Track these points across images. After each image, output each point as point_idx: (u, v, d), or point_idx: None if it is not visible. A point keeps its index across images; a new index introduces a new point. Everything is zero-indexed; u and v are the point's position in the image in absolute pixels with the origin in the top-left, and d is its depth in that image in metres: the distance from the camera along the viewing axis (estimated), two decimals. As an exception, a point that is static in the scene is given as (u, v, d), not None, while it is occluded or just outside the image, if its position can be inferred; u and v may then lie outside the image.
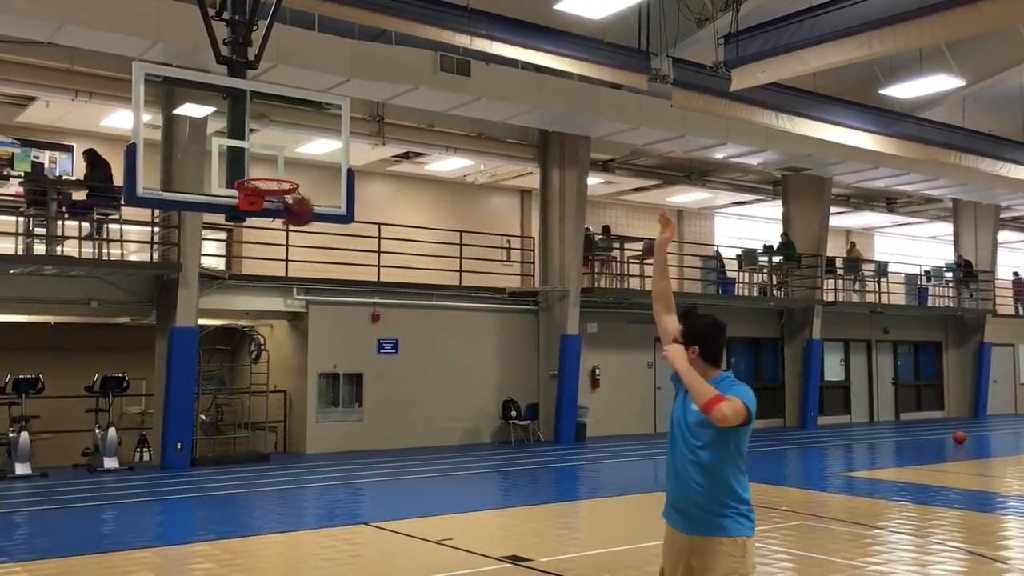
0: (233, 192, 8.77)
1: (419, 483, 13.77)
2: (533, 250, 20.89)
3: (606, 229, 22.37)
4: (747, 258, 23.12)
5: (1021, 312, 30.68)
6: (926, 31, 11.87)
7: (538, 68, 15.64)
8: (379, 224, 18.28)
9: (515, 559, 8.30)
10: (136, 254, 16.63)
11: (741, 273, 23.39)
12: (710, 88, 14.85)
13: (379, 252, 18.40)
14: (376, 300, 18.06)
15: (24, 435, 13.81)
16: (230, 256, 19.06)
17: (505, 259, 21.80)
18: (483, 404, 19.16)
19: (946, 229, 30.16)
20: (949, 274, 27.54)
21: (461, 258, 19.63)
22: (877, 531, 9.79)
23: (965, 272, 27.44)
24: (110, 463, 14.57)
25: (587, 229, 20.22)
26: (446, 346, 18.76)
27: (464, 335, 19.07)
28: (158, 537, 9.94)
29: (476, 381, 19.06)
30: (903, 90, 17.19)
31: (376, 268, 18.35)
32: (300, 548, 9.36)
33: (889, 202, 28.87)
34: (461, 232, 19.88)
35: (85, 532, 10.05)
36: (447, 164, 21.66)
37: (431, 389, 18.44)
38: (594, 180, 21.83)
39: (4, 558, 8.51)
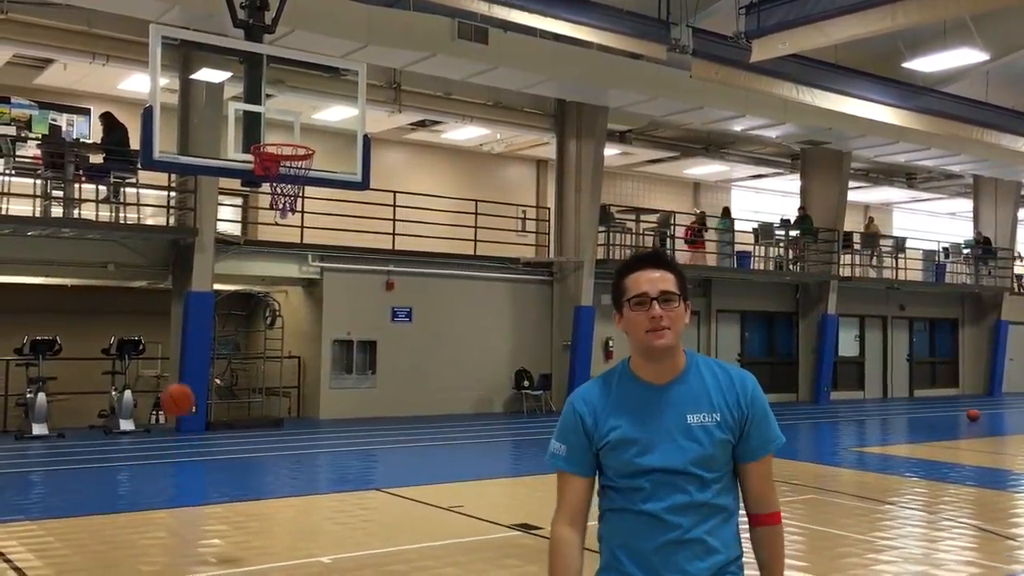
0: (249, 157, 8.78)
1: (431, 451, 13.85)
2: (548, 220, 20.84)
3: (726, 211, 23.10)
4: (764, 232, 22.99)
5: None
6: (951, 3, 11.69)
7: (556, 37, 15.48)
8: (394, 192, 18.26)
9: (524, 527, 8.35)
10: (152, 218, 16.67)
11: (757, 247, 23.27)
12: (730, 59, 14.68)
13: (394, 220, 18.39)
14: (391, 268, 18.09)
15: (41, 396, 13.97)
16: (246, 222, 19.10)
17: (520, 229, 21.76)
18: (496, 374, 19.21)
19: (966, 205, 29.88)
20: (967, 251, 27.32)
21: (476, 227, 19.61)
22: (888, 506, 9.79)
23: (984, 249, 27.23)
24: (126, 425, 14.72)
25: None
26: (460, 315, 18.79)
27: (478, 305, 19.09)
28: (172, 499, 10.06)
29: (489, 351, 19.10)
30: (926, 63, 16.95)
31: (391, 236, 18.36)
32: (312, 512, 9.45)
33: (909, 177, 28.60)
34: (476, 201, 19.84)
35: (101, 492, 10.18)
36: (463, 133, 21.58)
37: (444, 358, 18.50)
38: (611, 151, 21.71)
39: (21, 516, 8.63)
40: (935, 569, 7.18)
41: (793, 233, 23.33)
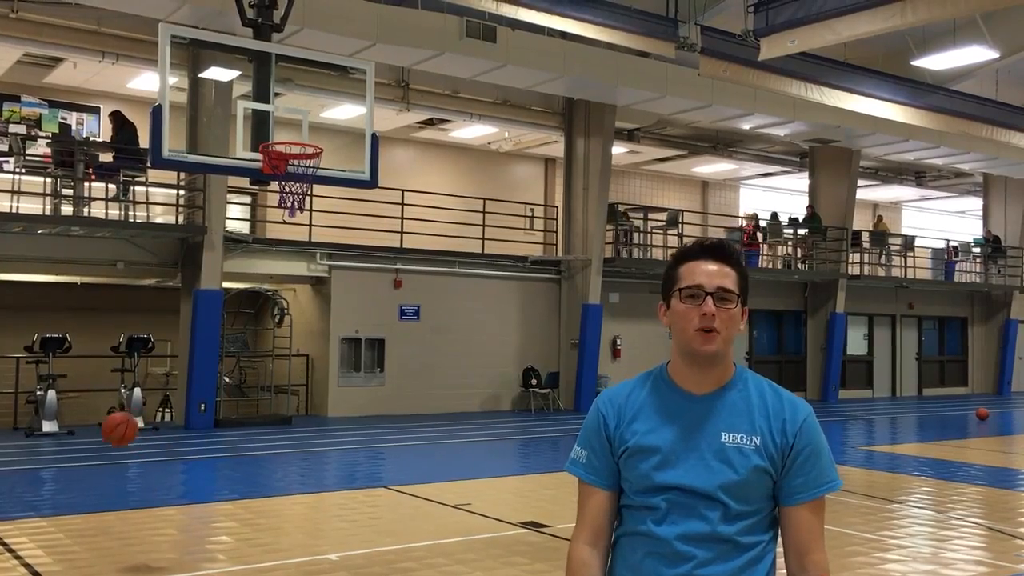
0: (258, 156, 8.81)
1: (439, 448, 13.87)
2: (556, 219, 20.85)
3: (775, 216, 23.09)
4: (772, 230, 22.96)
5: None
6: (961, 1, 11.63)
7: (564, 35, 15.49)
8: (402, 190, 18.29)
9: (532, 525, 8.36)
10: (162, 216, 16.75)
11: (765, 245, 23.24)
12: (739, 57, 14.65)
13: (402, 218, 18.42)
14: (399, 266, 18.12)
15: (51, 393, 14.03)
16: (254, 220, 19.16)
17: (528, 227, 21.76)
18: (504, 372, 19.22)
19: (975, 204, 29.79)
20: (977, 249, 27.24)
21: (484, 226, 19.62)
22: (896, 505, 9.78)
23: (993, 248, 27.14)
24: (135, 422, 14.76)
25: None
26: (468, 313, 18.81)
27: (486, 303, 19.11)
28: (182, 496, 10.10)
29: (497, 349, 19.11)
30: (935, 61, 16.90)
31: (399, 234, 18.38)
32: (321, 509, 9.48)
33: (918, 176, 28.52)
34: (484, 200, 19.85)
35: (111, 489, 10.22)
36: (471, 131, 21.59)
37: (452, 356, 18.52)
38: (619, 149, 21.70)
39: (32, 513, 8.67)
40: (943, 568, 7.17)
41: (802, 231, 23.30)
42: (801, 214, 23.76)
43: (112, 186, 15.20)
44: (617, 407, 2.28)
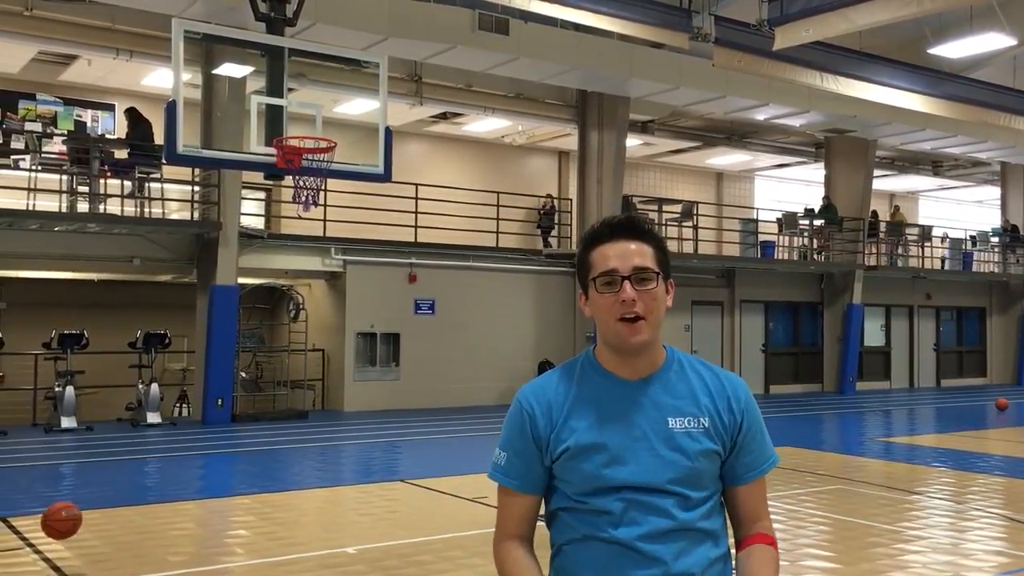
0: (272, 150, 8.83)
1: (454, 442, 13.89)
2: (570, 212, 20.81)
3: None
4: (788, 221, 22.83)
5: None
6: (978, -13, 11.53)
7: (577, 27, 15.43)
8: (416, 184, 18.29)
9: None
10: (177, 213, 16.81)
11: (781, 237, 23.12)
12: (753, 47, 14.57)
13: (416, 213, 18.43)
14: (413, 260, 18.13)
15: (70, 389, 14.12)
16: (269, 215, 19.20)
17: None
18: (519, 365, 19.20)
19: (993, 193, 29.55)
20: (995, 239, 27.03)
21: (498, 219, 19.60)
22: (915, 496, 9.71)
23: (1011, 237, 26.92)
24: (153, 418, 14.86)
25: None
26: (482, 307, 18.81)
27: (500, 296, 19.10)
28: (200, 490, 10.15)
29: (512, 342, 19.11)
30: (952, 49, 16.75)
31: (413, 229, 18.39)
32: (338, 503, 9.50)
33: (935, 165, 28.31)
34: (498, 193, 19.83)
35: (129, 484, 10.28)
36: (485, 125, 21.56)
37: (467, 349, 18.53)
38: (633, 141, 21.62)
39: (51, 508, 8.72)
40: (963, 559, 7.11)
41: (817, 222, 23.17)
42: (817, 205, 23.61)
43: (127, 183, 15.27)
44: (546, 404, 2.07)
